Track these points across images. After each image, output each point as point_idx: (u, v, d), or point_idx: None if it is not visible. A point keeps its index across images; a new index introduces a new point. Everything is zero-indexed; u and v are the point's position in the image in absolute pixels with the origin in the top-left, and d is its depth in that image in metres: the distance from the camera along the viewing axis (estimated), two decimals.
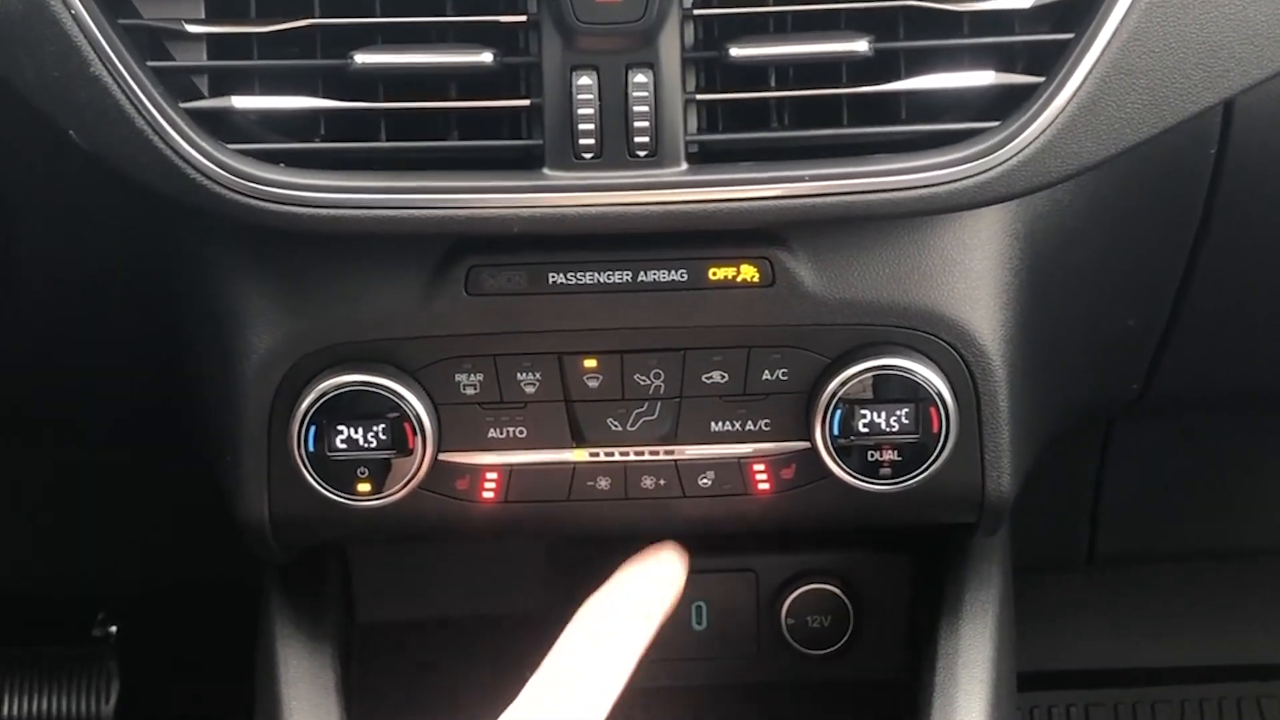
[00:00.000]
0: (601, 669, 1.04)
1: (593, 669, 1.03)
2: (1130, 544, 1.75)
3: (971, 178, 1.04)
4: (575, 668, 1.03)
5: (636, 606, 1.10)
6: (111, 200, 1.14)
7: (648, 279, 1.11)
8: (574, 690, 1.02)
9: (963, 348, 1.13)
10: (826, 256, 1.11)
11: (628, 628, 1.08)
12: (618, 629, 1.07)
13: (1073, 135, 1.05)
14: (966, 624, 1.25)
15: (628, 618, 1.08)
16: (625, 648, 1.06)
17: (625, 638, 1.07)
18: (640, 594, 1.12)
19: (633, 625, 1.08)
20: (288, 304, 1.12)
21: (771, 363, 1.13)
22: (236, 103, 1.06)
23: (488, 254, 1.10)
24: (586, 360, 1.13)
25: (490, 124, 1.07)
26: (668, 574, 1.15)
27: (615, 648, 1.05)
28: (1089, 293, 1.22)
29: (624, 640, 1.06)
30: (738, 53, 1.04)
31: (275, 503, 1.16)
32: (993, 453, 1.16)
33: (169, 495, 1.57)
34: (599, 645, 1.05)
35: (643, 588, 1.12)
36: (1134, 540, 1.75)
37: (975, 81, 1.06)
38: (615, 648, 1.05)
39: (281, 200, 1.04)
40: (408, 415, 1.11)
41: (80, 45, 1.03)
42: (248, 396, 1.13)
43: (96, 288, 1.21)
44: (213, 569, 1.51)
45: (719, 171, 1.05)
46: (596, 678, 1.03)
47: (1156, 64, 1.05)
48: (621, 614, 1.09)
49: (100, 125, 1.04)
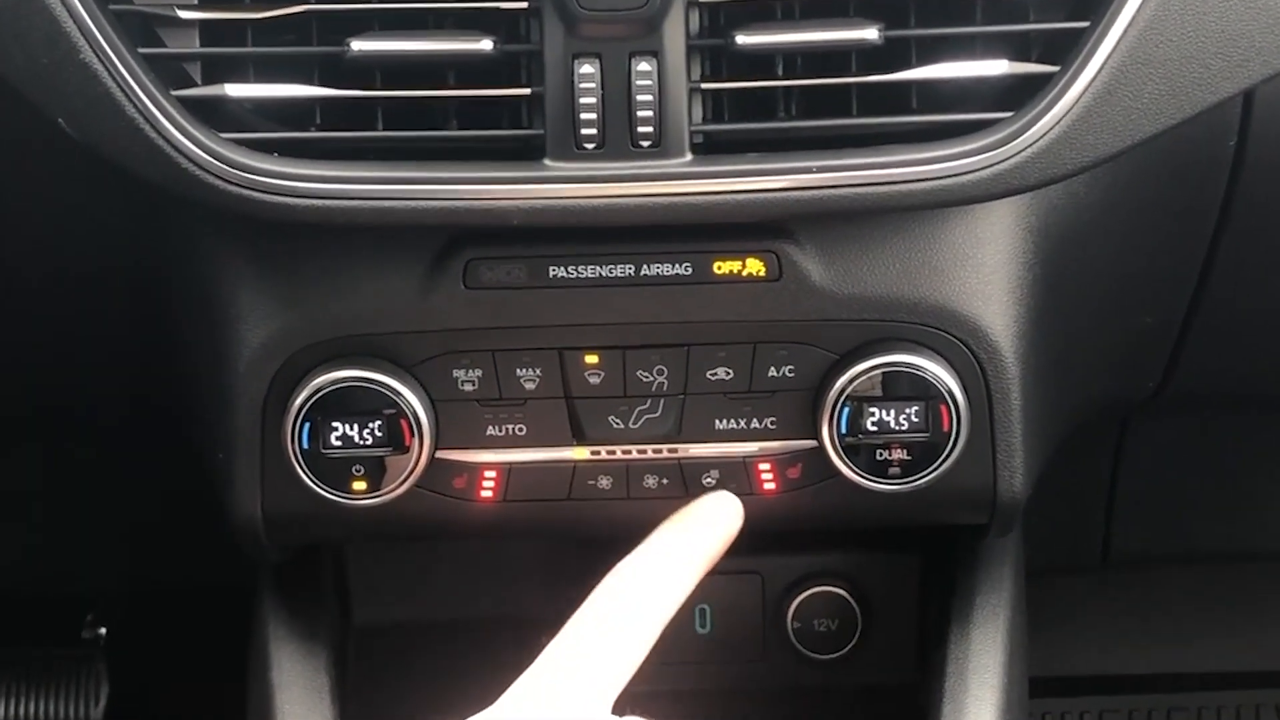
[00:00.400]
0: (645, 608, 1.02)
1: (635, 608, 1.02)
2: (1145, 545, 1.74)
3: (984, 169, 1.03)
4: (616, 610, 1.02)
5: (685, 549, 1.08)
6: (102, 192, 1.13)
7: (651, 273, 1.09)
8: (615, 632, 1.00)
9: (975, 344, 1.12)
10: (835, 250, 1.10)
11: (666, 578, 1.05)
12: (653, 581, 1.05)
13: (1088, 126, 1.03)
14: (977, 628, 1.24)
15: (667, 570, 1.06)
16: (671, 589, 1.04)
17: (664, 587, 1.05)
18: (685, 545, 1.09)
19: (670, 577, 1.05)
20: (281, 297, 1.11)
21: (778, 359, 1.12)
22: (230, 90, 1.04)
23: (487, 246, 1.09)
24: (588, 356, 1.12)
25: (490, 113, 1.06)
26: (723, 515, 1.12)
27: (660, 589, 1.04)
28: (1105, 288, 1.20)
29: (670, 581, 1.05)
30: (744, 40, 1.03)
31: (268, 501, 1.15)
32: (1005, 452, 1.14)
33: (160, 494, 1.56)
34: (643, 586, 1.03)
35: (694, 532, 1.10)
36: (1149, 541, 1.74)
37: (988, 71, 1.05)
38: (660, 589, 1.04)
39: (275, 190, 1.03)
40: (404, 412, 1.10)
41: (69, 31, 1.01)
42: (240, 392, 1.12)
43: (86, 281, 1.20)
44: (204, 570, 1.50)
45: (724, 162, 1.03)
46: (641, 615, 1.02)
47: (1175, 53, 1.03)
48: (660, 567, 1.06)
49: (90, 114, 1.03)
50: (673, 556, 1.07)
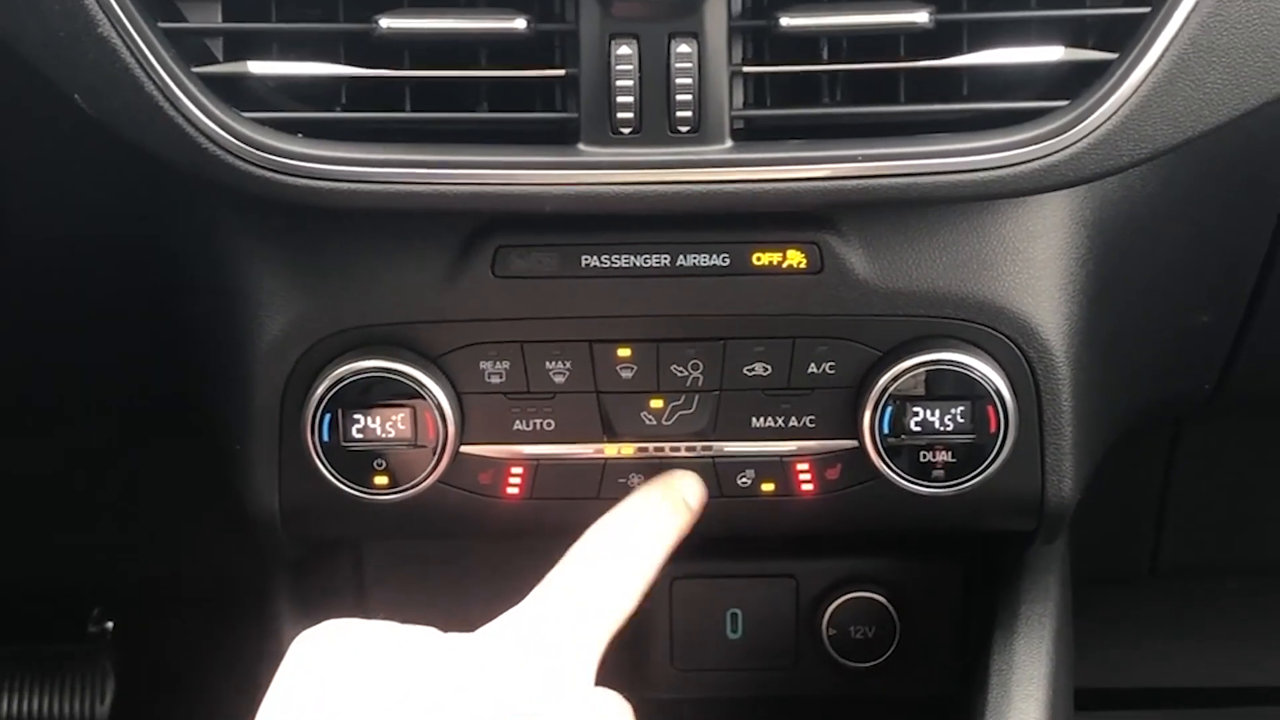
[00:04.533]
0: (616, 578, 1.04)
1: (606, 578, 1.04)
2: (1197, 555, 1.75)
3: (1038, 160, 1.03)
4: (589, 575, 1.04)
5: (652, 518, 1.09)
6: (117, 170, 1.13)
7: (687, 263, 1.10)
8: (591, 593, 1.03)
9: (1024, 342, 1.12)
10: (879, 242, 1.10)
11: (646, 534, 1.07)
12: (629, 544, 1.07)
13: (1147, 116, 1.04)
14: (1022, 639, 1.24)
15: (640, 535, 1.08)
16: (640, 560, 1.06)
17: (646, 541, 1.07)
18: (658, 507, 1.11)
19: (649, 535, 1.08)
20: (303, 284, 1.12)
21: (818, 355, 1.12)
22: (253, 68, 1.05)
23: (517, 233, 1.09)
24: (620, 349, 1.13)
25: (523, 95, 1.06)
26: (684, 491, 1.14)
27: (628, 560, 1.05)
28: (1161, 285, 1.20)
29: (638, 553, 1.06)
30: (789, 22, 1.03)
31: (286, 495, 1.16)
32: (1054, 455, 1.15)
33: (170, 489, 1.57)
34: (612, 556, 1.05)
35: (660, 503, 1.11)
36: (1201, 551, 1.74)
37: (1043, 57, 1.05)
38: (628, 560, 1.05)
39: (299, 173, 1.04)
40: (429, 404, 1.11)
41: (88, 3, 1.02)
42: (259, 381, 1.13)
43: (101, 266, 1.21)
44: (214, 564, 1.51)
45: (766, 150, 1.04)
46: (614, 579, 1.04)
47: (1239, 40, 1.04)
48: (639, 522, 1.08)
49: (107, 90, 1.04)
50: (652, 516, 1.09)
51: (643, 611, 1.35)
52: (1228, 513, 1.72)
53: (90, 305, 1.24)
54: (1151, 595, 1.85)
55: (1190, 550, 1.73)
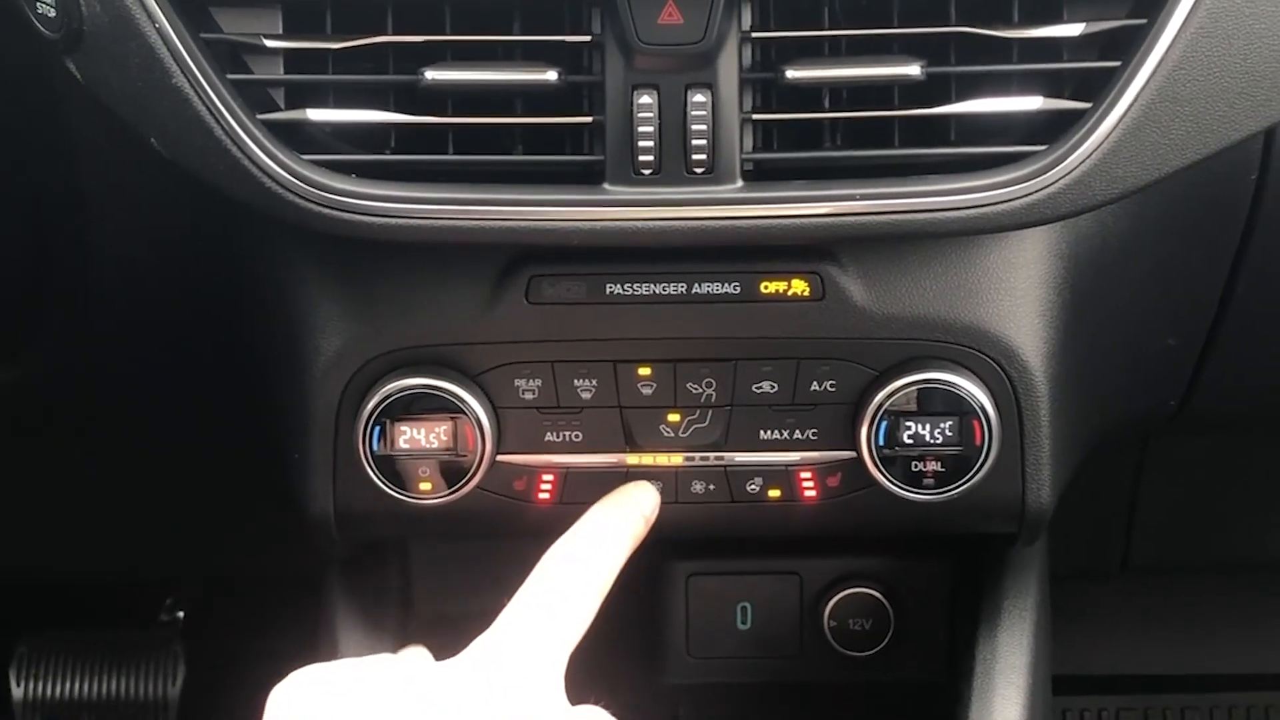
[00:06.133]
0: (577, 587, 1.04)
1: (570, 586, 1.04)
2: (1164, 554, 1.74)
3: (1019, 199, 1.03)
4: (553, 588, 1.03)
5: (607, 532, 1.09)
6: (191, 206, 1.14)
7: (702, 291, 1.10)
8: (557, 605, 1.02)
9: (1006, 363, 1.12)
10: (876, 272, 1.11)
11: (600, 550, 1.07)
12: (591, 552, 1.07)
13: (1118, 160, 1.04)
14: (1004, 630, 1.24)
15: (600, 542, 1.08)
16: (599, 568, 1.06)
17: (600, 557, 1.06)
18: (612, 522, 1.11)
19: (604, 549, 1.07)
20: (356, 310, 1.12)
21: (820, 374, 1.13)
22: (311, 115, 1.06)
23: (548, 264, 1.10)
24: (641, 368, 1.13)
25: (554, 139, 1.07)
26: (639, 502, 1.14)
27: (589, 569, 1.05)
28: (1130, 311, 1.21)
29: (598, 561, 1.06)
30: (794, 74, 1.04)
31: (340, 499, 1.17)
32: (1033, 465, 1.15)
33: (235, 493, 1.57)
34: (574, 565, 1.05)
35: (615, 517, 1.11)
36: (1167, 551, 1.74)
37: (1024, 106, 1.05)
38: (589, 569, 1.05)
39: (352, 210, 1.04)
40: (469, 418, 1.12)
41: (163, 57, 1.03)
42: (316, 397, 1.13)
43: (172, 292, 1.22)
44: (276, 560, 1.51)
45: (773, 189, 1.05)
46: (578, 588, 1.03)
47: (1200, 92, 1.04)
48: (594, 540, 1.08)
49: (181, 134, 1.05)
50: (606, 531, 1.09)
51: (661, 605, 1.36)
52: (1192, 514, 1.72)
53: (166, 334, 1.25)
54: (1122, 590, 1.85)
55: (1158, 549, 1.73)
